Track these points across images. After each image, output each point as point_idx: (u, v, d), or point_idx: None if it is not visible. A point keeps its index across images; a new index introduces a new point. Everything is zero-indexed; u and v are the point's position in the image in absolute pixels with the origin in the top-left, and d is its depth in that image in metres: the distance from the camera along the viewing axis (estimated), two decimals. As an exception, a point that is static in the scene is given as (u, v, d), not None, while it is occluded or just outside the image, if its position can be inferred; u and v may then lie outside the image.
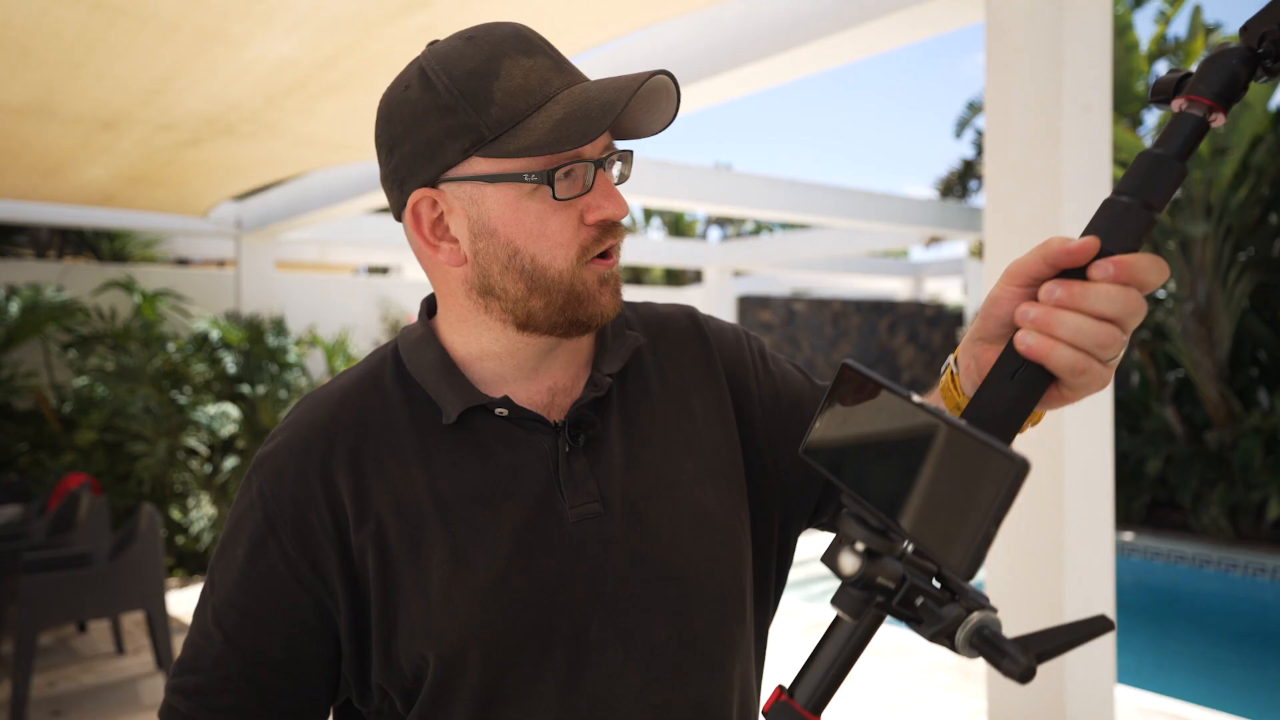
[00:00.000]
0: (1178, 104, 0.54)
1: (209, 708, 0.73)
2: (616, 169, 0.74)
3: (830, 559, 0.53)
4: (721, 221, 21.29)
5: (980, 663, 4.02)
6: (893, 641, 4.44)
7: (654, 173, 6.45)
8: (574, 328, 0.73)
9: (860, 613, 0.52)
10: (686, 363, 0.85)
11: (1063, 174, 2.60)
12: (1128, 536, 7.21)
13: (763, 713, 0.56)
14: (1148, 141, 7.16)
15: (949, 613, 0.50)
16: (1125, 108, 6.91)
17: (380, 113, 0.76)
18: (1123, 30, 6.70)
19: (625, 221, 0.69)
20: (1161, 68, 7.21)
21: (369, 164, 5.46)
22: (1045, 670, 2.69)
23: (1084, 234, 0.55)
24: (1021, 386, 0.53)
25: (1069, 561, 2.66)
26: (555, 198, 0.69)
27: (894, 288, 16.01)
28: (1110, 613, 2.83)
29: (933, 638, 0.51)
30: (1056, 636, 0.49)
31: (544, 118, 0.67)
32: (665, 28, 3.77)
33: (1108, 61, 2.71)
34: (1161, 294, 7.04)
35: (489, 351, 0.77)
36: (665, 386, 0.83)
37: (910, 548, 0.51)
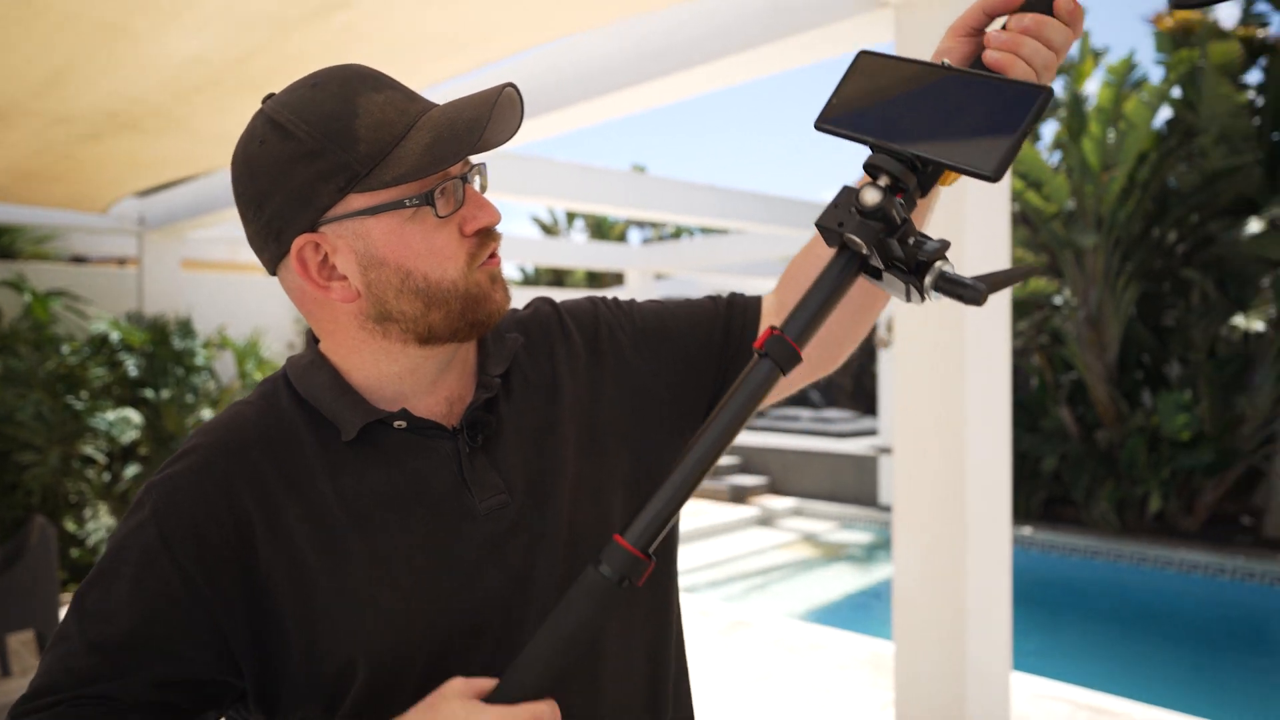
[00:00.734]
0: None
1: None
2: (478, 181, 0.78)
3: (834, 217, 0.63)
4: (643, 224, 21.44)
5: (886, 655, 4.19)
6: (808, 639, 4.58)
7: (573, 176, 6.45)
8: (474, 328, 0.77)
9: (871, 240, 0.62)
10: (558, 348, 0.90)
11: (966, 200, 2.75)
12: (1026, 531, 7.59)
13: (755, 347, 0.65)
14: (1051, 161, 7.56)
15: (931, 247, 0.62)
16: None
17: (238, 172, 0.76)
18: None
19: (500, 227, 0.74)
20: (1056, 87, 7.63)
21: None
22: (947, 659, 2.84)
23: None
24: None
25: (971, 554, 2.81)
26: (437, 216, 0.72)
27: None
28: (1008, 605, 3.00)
29: (909, 277, 0.63)
30: (1001, 275, 0.63)
31: (412, 145, 0.71)
32: (587, 37, 3.80)
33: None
34: (1058, 301, 7.45)
35: (387, 374, 0.79)
36: (545, 376, 0.88)
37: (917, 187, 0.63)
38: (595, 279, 18.78)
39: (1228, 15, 7.76)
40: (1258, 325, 6.46)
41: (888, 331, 8.86)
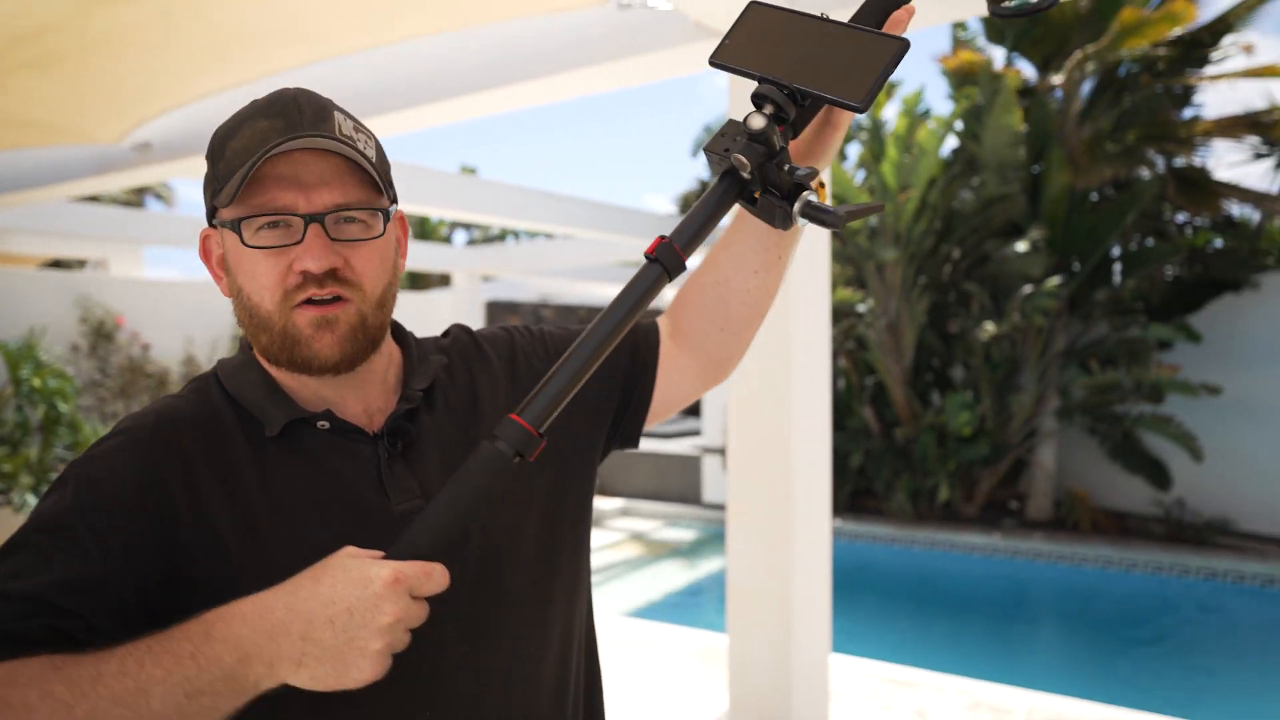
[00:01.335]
0: None
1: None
2: (355, 228, 0.80)
3: (731, 133, 0.72)
4: (467, 225, 21.06)
5: (715, 647, 4.42)
6: (639, 635, 4.73)
7: (400, 177, 6.29)
8: (300, 368, 0.80)
9: (755, 160, 0.70)
10: (477, 372, 0.96)
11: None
12: (836, 522, 8.22)
13: (645, 254, 0.72)
14: (855, 176, 8.21)
15: (803, 172, 0.71)
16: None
17: None
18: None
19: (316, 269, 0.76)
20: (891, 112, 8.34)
21: (70, 148, 4.80)
22: (776, 645, 3.05)
23: None
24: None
25: (797, 547, 3.03)
26: (244, 244, 0.78)
27: (636, 296, 16.85)
28: (828, 592, 3.27)
29: (780, 201, 0.72)
30: (856, 207, 0.73)
31: (242, 173, 0.76)
32: (426, 41, 3.74)
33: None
34: (862, 309, 8.11)
35: (294, 381, 0.84)
36: (466, 395, 0.93)
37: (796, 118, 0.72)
38: (418, 279, 18.23)
39: (998, 58, 8.79)
40: (996, 329, 7.36)
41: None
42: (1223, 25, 7.80)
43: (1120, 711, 3.67)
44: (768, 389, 3.05)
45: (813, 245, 3.12)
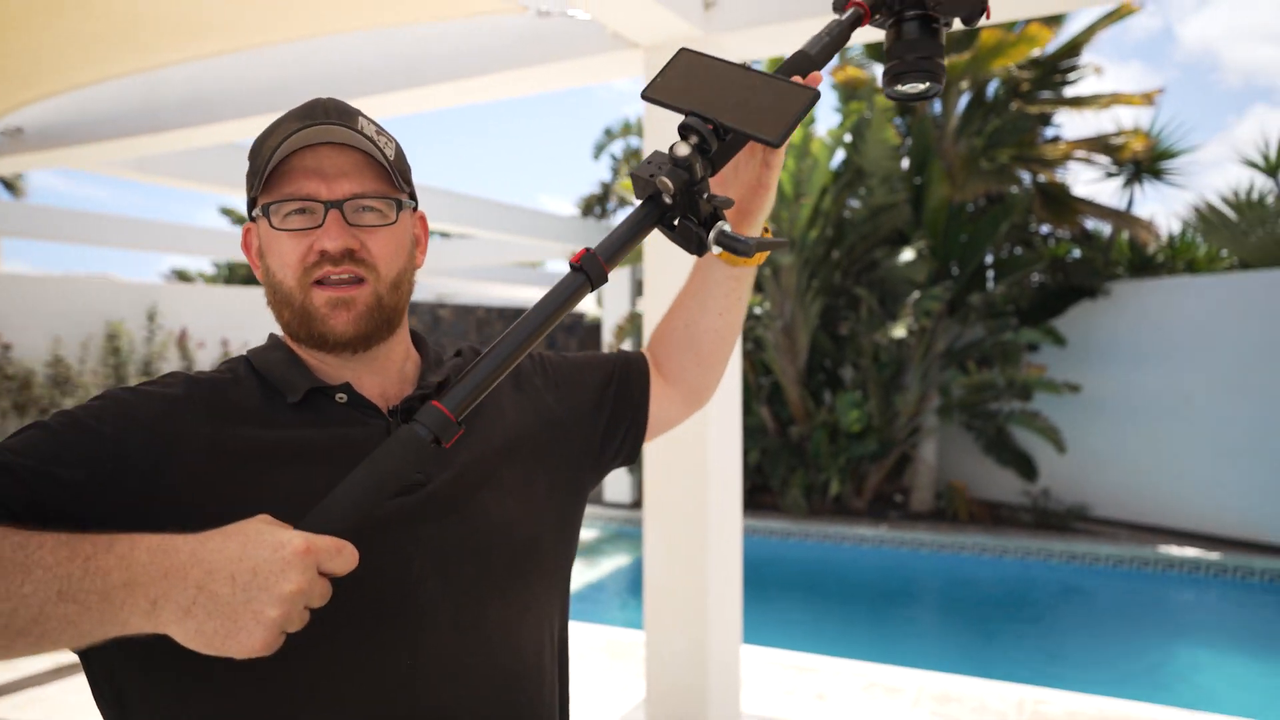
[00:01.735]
0: (850, 4, 0.89)
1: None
2: (371, 215, 0.89)
3: (646, 169, 0.78)
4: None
5: (621, 641, 4.53)
6: (553, 633, 4.76)
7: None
8: (318, 343, 0.88)
9: (678, 185, 0.77)
10: (503, 384, 1.03)
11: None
12: (734, 518, 8.46)
13: (570, 263, 0.77)
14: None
15: (721, 200, 0.79)
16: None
17: None
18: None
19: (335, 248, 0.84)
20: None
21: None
22: (692, 637, 3.16)
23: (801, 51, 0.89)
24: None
25: (711, 544, 3.16)
26: (272, 227, 0.87)
27: (533, 296, 16.77)
28: (739, 586, 3.42)
29: (697, 228, 0.79)
30: (763, 240, 0.82)
31: (270, 162, 0.85)
32: (342, 40, 3.67)
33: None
34: (759, 311, 8.39)
35: (319, 357, 0.92)
36: (487, 400, 0.99)
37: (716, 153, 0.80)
38: (305, 277, 17.55)
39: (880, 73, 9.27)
40: (901, 333, 7.80)
41: (615, 339, 9.37)
42: (1073, 51, 8.50)
43: (998, 684, 3.98)
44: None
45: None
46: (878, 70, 9.18)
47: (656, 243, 3.16)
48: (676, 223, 0.80)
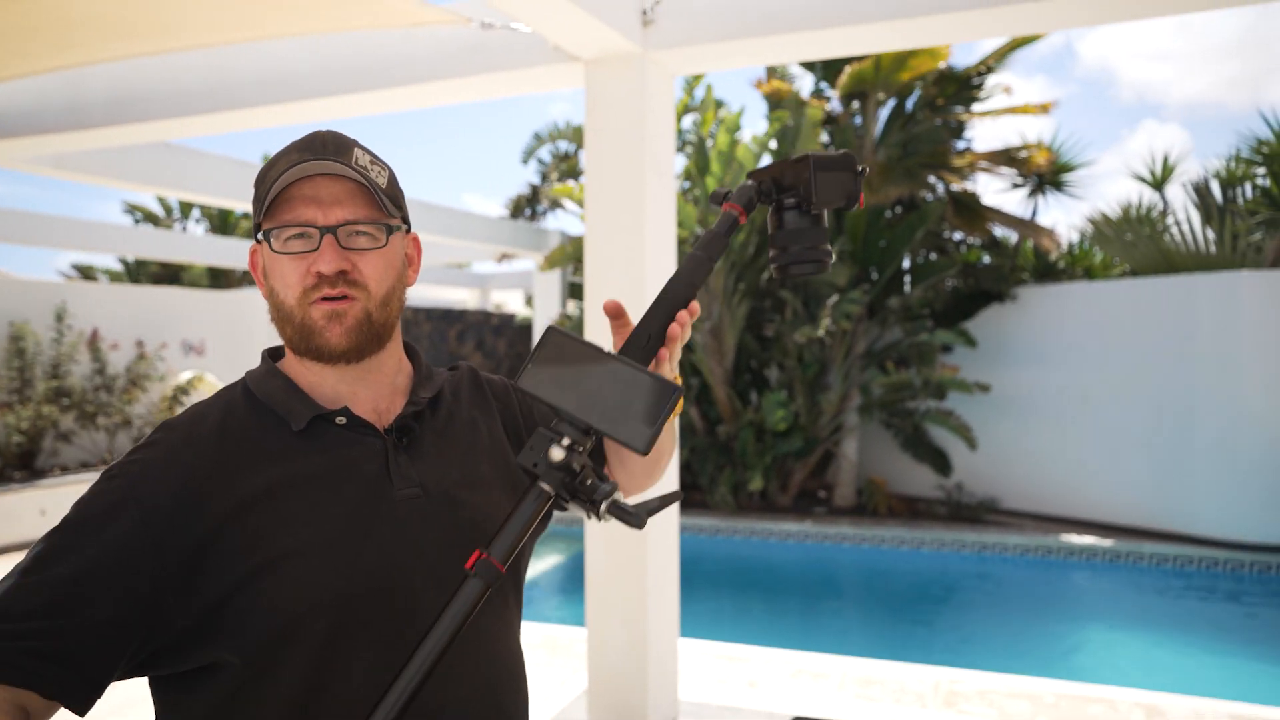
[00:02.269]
0: (724, 206, 0.93)
1: (15, 650, 0.79)
2: (362, 239, 0.97)
3: (531, 457, 0.80)
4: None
5: (558, 638, 4.62)
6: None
7: (202, 170, 5.92)
8: (316, 355, 0.97)
9: (558, 487, 0.80)
10: (475, 401, 1.15)
11: (646, 219, 3.23)
12: (664, 516, 8.62)
13: (466, 567, 0.80)
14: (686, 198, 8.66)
15: (606, 488, 0.80)
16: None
17: None
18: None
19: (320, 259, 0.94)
20: (689, 122, 8.82)
21: None
22: (632, 632, 3.29)
23: (674, 277, 0.93)
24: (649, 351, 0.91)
25: (649, 542, 3.29)
26: (274, 251, 0.96)
27: (462, 297, 16.64)
28: (676, 582, 3.55)
29: (586, 507, 0.80)
30: (653, 503, 0.83)
31: (271, 192, 0.95)
32: (279, 42, 3.66)
33: (673, 136, 3.42)
34: (687, 314, 8.57)
35: (317, 381, 1.01)
36: (463, 414, 1.12)
37: (591, 445, 0.82)
38: (219, 276, 16.97)
39: (807, 85, 9.60)
40: (823, 334, 8.12)
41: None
42: (986, 69, 8.99)
43: (916, 667, 4.24)
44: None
45: (661, 262, 3.40)
46: (802, 83, 9.49)
47: (596, 246, 3.27)
48: (567, 503, 0.83)
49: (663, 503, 0.83)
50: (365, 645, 0.92)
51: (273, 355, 1.07)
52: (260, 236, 0.98)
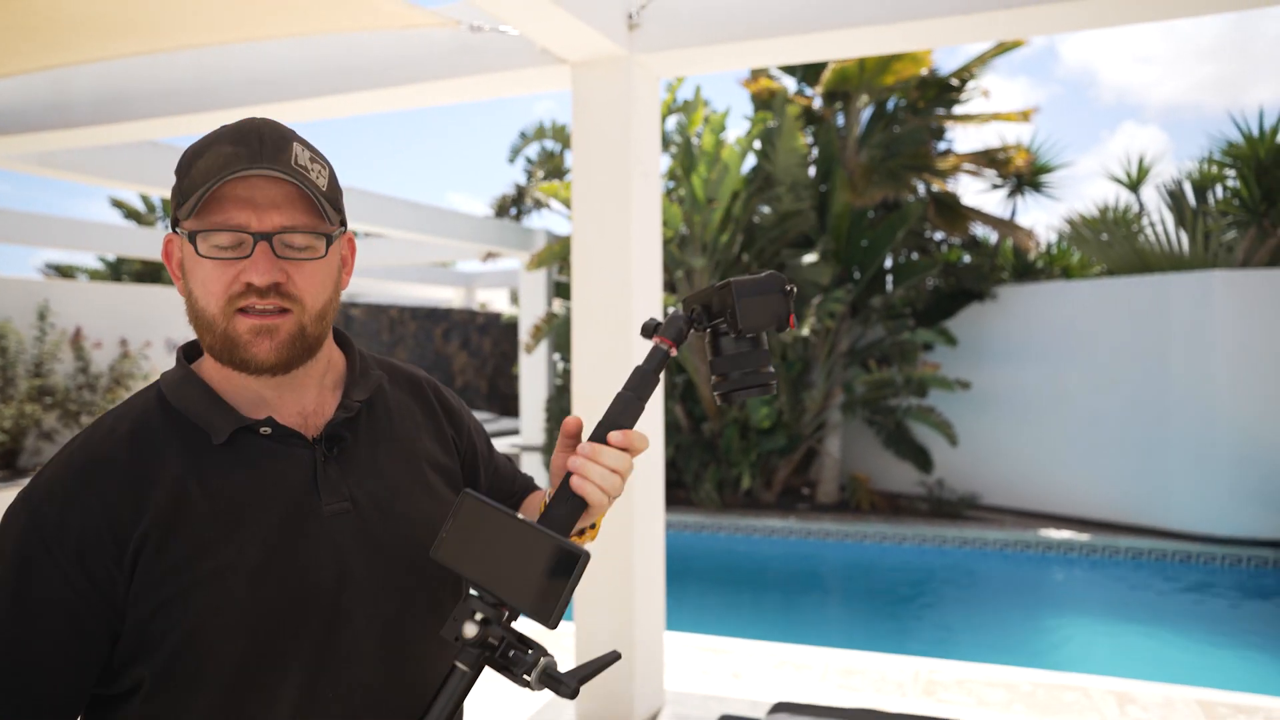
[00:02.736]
0: (654, 340, 0.91)
1: None
2: (299, 249, 0.89)
3: (453, 630, 0.79)
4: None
5: (538, 631, 4.67)
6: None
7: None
8: (240, 367, 0.89)
9: (476, 665, 0.79)
10: (419, 406, 1.09)
11: (632, 220, 3.30)
12: (649, 513, 8.69)
13: None
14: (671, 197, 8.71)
15: (530, 659, 0.79)
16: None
17: None
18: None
19: (262, 281, 0.88)
20: (674, 122, 8.88)
21: None
22: (619, 624, 3.35)
23: (600, 421, 0.90)
24: (571, 507, 0.88)
25: (636, 537, 3.35)
26: (199, 254, 0.86)
27: (447, 296, 16.64)
28: (662, 576, 3.62)
29: (515, 678, 0.80)
30: (587, 668, 0.81)
31: (201, 193, 0.85)
32: (276, 43, 3.69)
33: (658, 137, 3.49)
34: (672, 312, 8.64)
35: (238, 385, 0.93)
36: (403, 418, 1.05)
37: (509, 616, 0.81)
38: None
39: (792, 86, 9.69)
40: (807, 332, 8.22)
41: (532, 339, 9.47)
42: (967, 73, 9.12)
43: (896, 658, 4.33)
44: (611, 391, 3.35)
45: (646, 261, 3.46)
46: (788, 81, 9.58)
47: (583, 246, 3.33)
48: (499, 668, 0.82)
49: (599, 666, 0.80)
50: (287, 671, 0.88)
51: (188, 355, 0.98)
52: (181, 234, 0.88)
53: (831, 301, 8.17)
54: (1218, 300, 7.46)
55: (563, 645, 4.43)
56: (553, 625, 0.76)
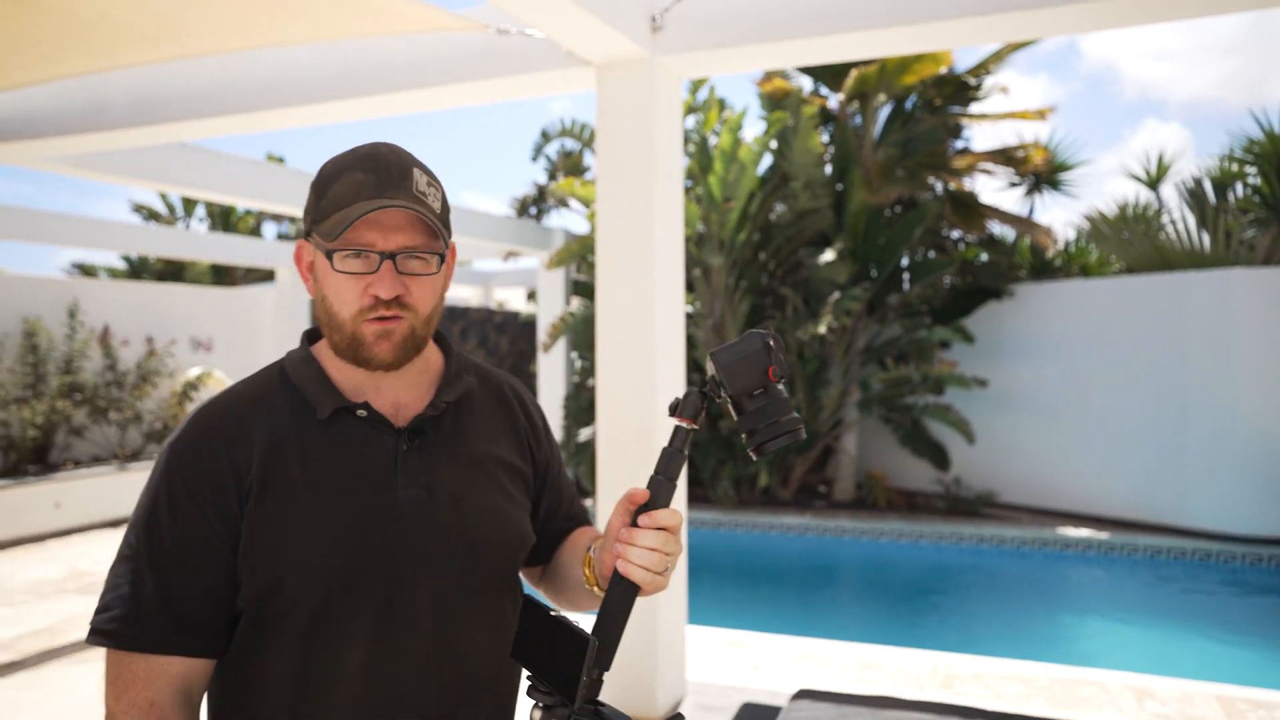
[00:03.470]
0: (675, 420, 0.95)
1: (135, 637, 0.96)
2: (417, 264, 1.03)
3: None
4: (278, 218, 19.90)
5: (582, 623, 4.73)
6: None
7: (202, 165, 5.99)
8: (362, 364, 1.04)
9: None
10: (503, 412, 1.20)
11: (655, 219, 3.36)
12: (667, 509, 8.73)
13: None
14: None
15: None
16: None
17: None
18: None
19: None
20: (691, 122, 8.93)
21: None
22: (643, 616, 3.41)
23: (640, 506, 0.96)
24: (623, 589, 0.95)
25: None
26: (334, 268, 1.00)
27: (464, 295, 16.76)
28: (684, 570, 3.68)
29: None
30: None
31: (339, 216, 1.00)
32: (304, 47, 3.78)
33: (680, 137, 3.55)
34: (690, 311, 8.71)
35: (346, 374, 1.08)
36: (486, 421, 1.16)
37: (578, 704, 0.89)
38: (222, 273, 17.09)
39: (806, 85, 9.72)
40: (824, 330, 8.25)
41: (550, 338, 9.55)
42: (983, 70, 9.12)
43: (913, 652, 4.37)
44: (634, 388, 3.42)
45: (669, 259, 3.52)
46: (803, 81, 9.61)
47: (607, 244, 3.39)
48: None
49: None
50: (350, 634, 1.00)
51: (310, 338, 1.13)
52: (320, 249, 1.03)
53: (849, 300, 8.20)
54: (1238, 298, 7.43)
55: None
56: (578, 707, 0.87)
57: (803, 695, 2.59)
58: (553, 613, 0.93)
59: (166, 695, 0.97)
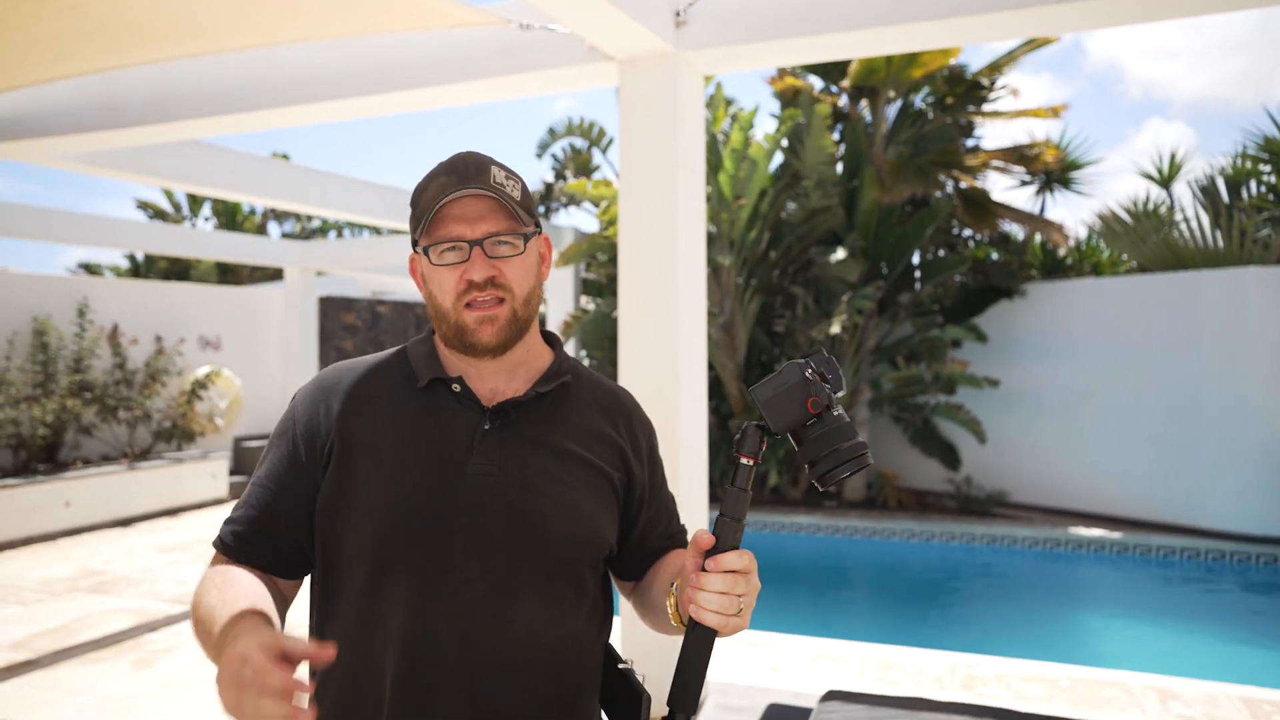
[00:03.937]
0: (738, 457, 0.97)
1: (237, 536, 1.11)
2: (505, 248, 1.11)
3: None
4: (282, 217, 19.90)
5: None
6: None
7: (204, 161, 5.96)
8: (469, 350, 1.12)
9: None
10: (604, 418, 1.20)
11: (678, 215, 3.33)
12: (677, 509, 8.72)
13: None
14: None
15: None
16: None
17: None
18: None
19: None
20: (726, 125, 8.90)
21: None
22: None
23: (708, 550, 0.97)
24: (699, 634, 0.97)
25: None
26: (432, 264, 1.11)
27: (470, 294, 16.74)
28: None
29: None
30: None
31: (426, 216, 1.10)
32: (321, 43, 3.76)
33: (703, 133, 3.52)
34: (700, 310, 8.67)
35: (450, 356, 1.18)
36: (580, 420, 1.18)
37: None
38: (227, 271, 17.09)
39: (817, 84, 9.68)
40: (836, 329, 8.22)
41: (560, 336, 9.53)
42: (996, 71, 9.08)
43: (933, 652, 4.34)
44: (657, 386, 3.39)
45: (692, 255, 3.49)
46: (814, 80, 9.58)
47: (629, 240, 3.37)
48: None
49: None
50: (404, 592, 1.05)
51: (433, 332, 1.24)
52: (419, 250, 1.13)
53: (860, 298, 8.16)
54: (1252, 297, 7.39)
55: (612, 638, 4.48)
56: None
57: (832, 696, 2.57)
58: (620, 665, 1.01)
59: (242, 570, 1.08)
